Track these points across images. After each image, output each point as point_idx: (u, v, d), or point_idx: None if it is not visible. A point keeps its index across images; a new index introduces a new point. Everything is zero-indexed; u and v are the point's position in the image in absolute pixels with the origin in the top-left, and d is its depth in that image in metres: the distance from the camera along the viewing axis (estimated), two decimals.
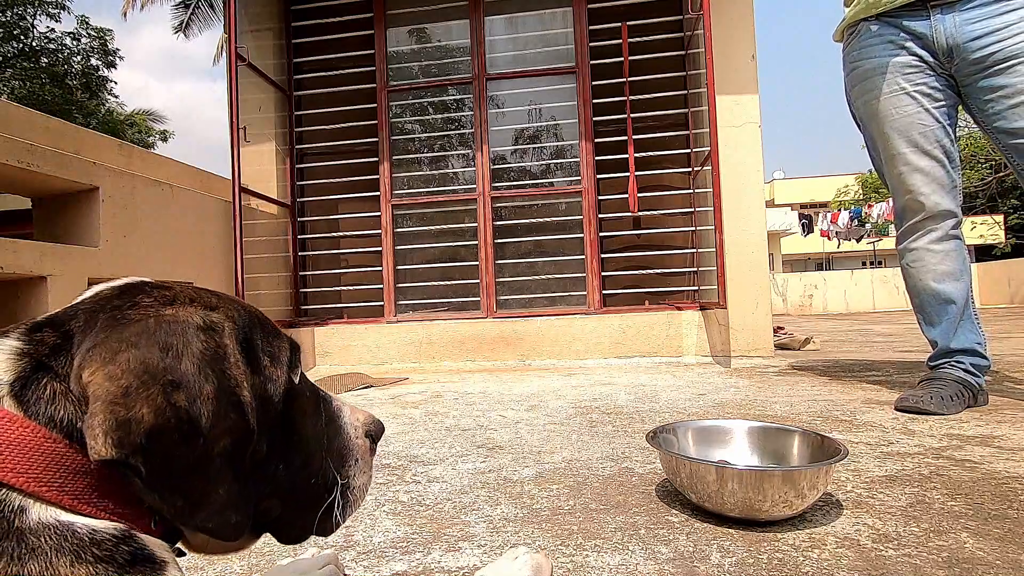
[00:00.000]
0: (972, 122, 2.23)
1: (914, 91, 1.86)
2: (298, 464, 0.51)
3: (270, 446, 0.47)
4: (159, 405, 0.37)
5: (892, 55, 1.89)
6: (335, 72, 4.35)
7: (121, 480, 0.39)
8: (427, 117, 4.49)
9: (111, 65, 19.11)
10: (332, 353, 3.98)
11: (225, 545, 0.50)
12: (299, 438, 0.52)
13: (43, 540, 0.36)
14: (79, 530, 0.37)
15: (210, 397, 0.40)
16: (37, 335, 0.41)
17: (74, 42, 18.26)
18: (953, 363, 1.88)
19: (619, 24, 3.99)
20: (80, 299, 0.46)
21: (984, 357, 1.89)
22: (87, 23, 18.33)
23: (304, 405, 0.53)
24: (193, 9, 16.14)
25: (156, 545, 0.41)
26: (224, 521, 0.41)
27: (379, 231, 4.19)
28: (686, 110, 4.04)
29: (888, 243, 28.20)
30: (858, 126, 2.10)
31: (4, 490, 0.36)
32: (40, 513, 0.37)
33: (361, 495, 0.57)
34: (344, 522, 0.56)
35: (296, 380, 0.52)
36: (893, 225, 2.20)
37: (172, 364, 0.39)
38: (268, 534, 0.53)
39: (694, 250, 4.02)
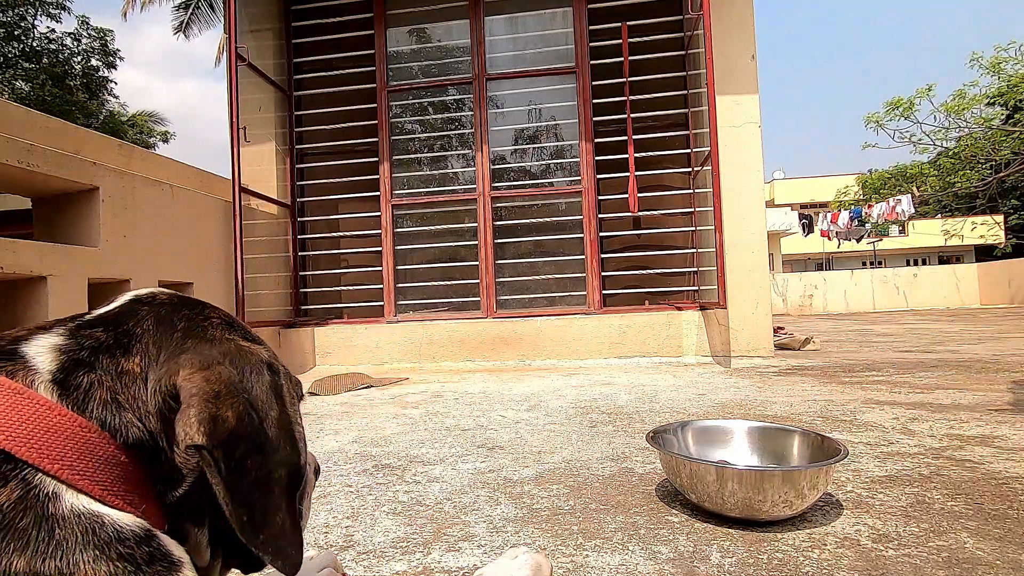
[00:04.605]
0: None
1: None
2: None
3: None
4: (240, 413, 0.43)
5: None
6: (335, 72, 4.34)
7: (144, 476, 0.42)
8: (427, 117, 4.49)
9: (111, 66, 19.11)
10: (332, 353, 3.98)
11: None
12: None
13: (71, 531, 0.36)
14: (107, 523, 0.37)
15: (274, 422, 0.45)
16: (86, 331, 0.45)
17: (74, 42, 18.25)
18: None
19: (619, 24, 3.99)
20: (124, 301, 0.49)
21: None
22: (87, 23, 18.33)
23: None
24: (193, 10, 16.12)
25: (173, 544, 0.41)
26: (281, 550, 0.43)
27: (379, 231, 4.19)
28: (686, 110, 4.04)
29: (888, 243, 28.12)
30: None
31: (39, 475, 0.37)
32: (72, 501, 0.37)
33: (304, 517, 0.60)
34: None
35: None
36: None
37: (249, 386, 0.45)
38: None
39: (694, 250, 4.02)
